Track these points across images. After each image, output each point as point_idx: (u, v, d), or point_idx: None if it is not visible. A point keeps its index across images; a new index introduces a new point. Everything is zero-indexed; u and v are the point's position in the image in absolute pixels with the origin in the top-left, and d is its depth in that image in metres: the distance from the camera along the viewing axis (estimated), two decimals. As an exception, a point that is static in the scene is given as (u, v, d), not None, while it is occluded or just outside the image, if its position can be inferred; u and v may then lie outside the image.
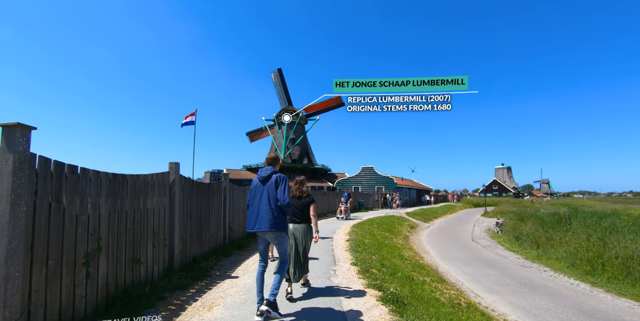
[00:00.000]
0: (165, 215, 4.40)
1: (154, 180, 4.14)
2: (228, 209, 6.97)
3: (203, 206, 5.71)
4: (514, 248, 12.27)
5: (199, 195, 5.54)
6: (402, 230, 15.22)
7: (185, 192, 4.99)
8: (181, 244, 4.75)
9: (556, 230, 12.56)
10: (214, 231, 6.25)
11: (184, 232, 4.89)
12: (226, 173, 6.31)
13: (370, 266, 5.73)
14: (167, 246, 4.38)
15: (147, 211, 3.97)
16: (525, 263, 9.82)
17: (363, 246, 7.95)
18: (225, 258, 5.98)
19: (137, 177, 3.81)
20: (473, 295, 6.50)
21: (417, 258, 9.23)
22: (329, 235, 9.60)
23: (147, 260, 3.91)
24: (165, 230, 4.36)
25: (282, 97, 39.16)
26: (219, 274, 4.78)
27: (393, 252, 8.51)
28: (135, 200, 3.75)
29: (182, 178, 4.88)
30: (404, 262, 7.71)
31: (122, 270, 3.45)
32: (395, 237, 12.12)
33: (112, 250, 3.30)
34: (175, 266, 4.52)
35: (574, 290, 7.09)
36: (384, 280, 4.90)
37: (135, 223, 3.73)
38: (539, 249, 11.06)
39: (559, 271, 8.81)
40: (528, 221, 14.88)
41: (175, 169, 4.61)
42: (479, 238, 15.51)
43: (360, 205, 23.46)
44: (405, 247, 10.64)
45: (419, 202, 37.77)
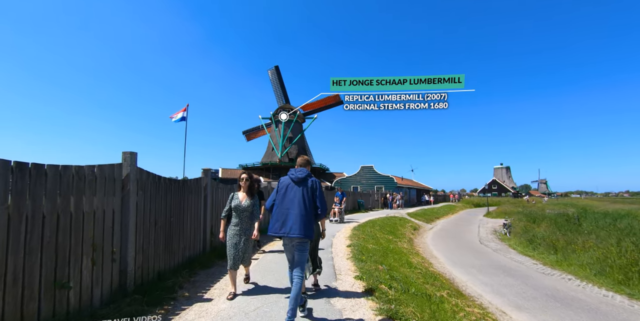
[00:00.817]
0: (115, 221, 3.36)
1: (96, 175, 3.10)
2: (210, 211, 5.94)
3: (174, 208, 4.67)
4: (528, 252, 11.31)
5: (168, 194, 4.50)
6: (406, 232, 14.23)
7: (148, 190, 3.95)
8: (139, 257, 3.71)
9: (576, 232, 11.59)
10: (190, 238, 5.21)
11: (145, 241, 3.85)
12: (207, 168, 5.24)
13: (378, 281, 4.71)
14: (116, 262, 3.34)
15: (84, 215, 2.94)
16: (545, 270, 8.85)
17: (367, 253, 6.94)
18: (202, 270, 4.94)
19: (66, 169, 2.77)
20: (499, 312, 5.51)
21: (426, 265, 8.24)
22: (327, 239, 8.58)
23: (80, 283, 2.87)
24: (114, 241, 3.32)
25: (280, 95, 38.11)
26: (188, 295, 3.74)
27: (400, 259, 7.51)
28: (63, 201, 2.71)
29: (143, 173, 3.84)
30: (414, 271, 6.70)
31: (33, 302, 2.42)
32: (400, 241, 11.12)
33: (14, 276, 2.27)
34: (129, 287, 3.47)
35: (612, 305, 6.12)
36: (398, 301, 3.88)
37: (62, 233, 2.69)
38: (557, 254, 10.10)
39: (585, 280, 7.84)
40: (541, 222, 13.91)
41: (131, 161, 3.57)
42: (487, 240, 14.56)
43: (360, 206, 22.46)
44: (412, 252, 9.64)
45: (418, 202, 36.85)
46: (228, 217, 3.89)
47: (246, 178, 3.95)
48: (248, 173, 4.01)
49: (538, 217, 15.52)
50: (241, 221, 3.83)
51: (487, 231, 18.05)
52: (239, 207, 3.81)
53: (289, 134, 36.18)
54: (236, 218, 3.83)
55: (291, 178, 3.18)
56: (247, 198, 3.89)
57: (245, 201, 3.87)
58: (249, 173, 4.02)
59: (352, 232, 10.23)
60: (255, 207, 3.93)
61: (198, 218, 5.50)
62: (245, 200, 3.88)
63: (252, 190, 3.98)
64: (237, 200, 3.86)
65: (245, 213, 3.85)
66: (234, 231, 3.80)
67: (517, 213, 21.73)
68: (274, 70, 38.07)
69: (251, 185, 3.97)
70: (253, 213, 3.91)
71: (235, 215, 3.83)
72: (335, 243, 8.22)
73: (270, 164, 34.78)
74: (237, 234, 3.79)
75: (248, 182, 3.94)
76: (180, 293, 3.79)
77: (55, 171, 2.67)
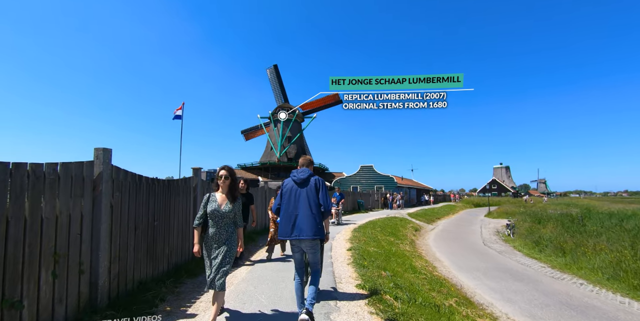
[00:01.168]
0: (84, 226, 2.94)
1: (59, 174, 2.68)
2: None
3: (159, 210, 4.25)
4: (534, 255, 10.91)
5: (151, 195, 4.08)
6: (407, 233, 13.83)
7: (126, 191, 3.53)
8: (115, 267, 3.29)
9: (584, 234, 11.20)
10: (177, 243, 4.79)
11: (122, 249, 3.43)
12: (197, 167, 4.80)
13: (382, 290, 4.31)
14: (85, 274, 2.92)
15: (44, 221, 2.52)
16: (555, 274, 8.46)
17: (369, 258, 6.53)
18: (190, 278, 4.52)
19: (19, 167, 2.35)
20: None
21: (430, 270, 7.84)
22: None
23: (38, 301, 2.46)
24: (82, 250, 2.91)
25: (278, 94, 37.66)
26: (170, 310, 3.32)
27: (404, 263, 7.11)
28: (14, 205, 2.30)
29: (119, 172, 3.42)
30: (419, 277, 6.30)
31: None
32: (402, 243, 10.71)
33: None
34: (101, 302, 3.05)
35: (631, 313, 5.72)
36: (406, 315, 3.48)
37: (12, 243, 2.28)
38: (565, 256, 9.71)
39: (597, 285, 7.45)
40: (547, 223, 13.51)
41: (104, 158, 3.15)
42: (491, 242, 14.17)
43: (360, 206, 22.07)
44: (415, 255, 9.24)
45: (418, 202, 36.47)
46: (204, 225, 3.06)
47: (225, 176, 3.08)
48: (228, 169, 3.13)
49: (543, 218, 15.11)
50: (219, 231, 2.99)
51: (490, 232, 17.67)
52: (217, 212, 2.99)
53: (287, 133, 35.75)
54: (213, 227, 3.00)
55: (293, 179, 3.18)
56: (227, 202, 3.06)
57: (225, 205, 3.04)
58: (230, 169, 3.13)
59: (352, 234, 9.83)
60: (238, 213, 3.10)
61: (187, 222, 5.08)
62: (226, 203, 3.05)
63: (234, 191, 3.12)
64: (214, 203, 3.03)
65: (224, 220, 3.01)
66: (209, 244, 3.00)
67: (519, 213, 21.34)
68: (272, 69, 37.61)
69: (232, 184, 3.12)
70: (235, 222, 3.10)
71: (212, 223, 3.00)
72: (334, 246, 7.82)
73: (269, 164, 34.33)
74: (213, 248, 2.99)
75: (228, 180, 3.09)
76: (162, 307, 3.37)
77: (4, 169, 2.25)
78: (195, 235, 3.07)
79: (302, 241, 3.02)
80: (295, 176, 3.18)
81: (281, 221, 3.12)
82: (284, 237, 3.06)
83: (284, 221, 3.08)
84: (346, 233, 10.06)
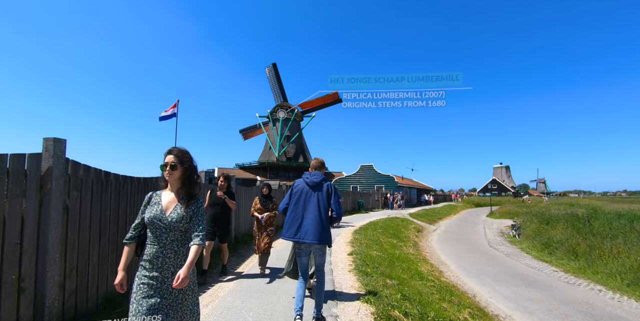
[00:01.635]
0: (26, 234, 2.39)
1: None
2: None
3: (133, 213, 3.69)
4: (544, 257, 10.38)
5: (123, 196, 3.52)
6: (410, 234, 13.29)
7: (88, 190, 2.97)
8: (71, 281, 2.73)
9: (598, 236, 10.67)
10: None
11: (81, 259, 2.88)
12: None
13: (389, 303, 3.76)
14: (26, 292, 2.37)
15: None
16: (569, 279, 7.92)
17: (372, 263, 5.99)
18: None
19: None
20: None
21: (437, 275, 7.29)
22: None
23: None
24: (22, 263, 2.35)
25: (277, 92, 37.10)
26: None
27: (409, 269, 6.56)
28: None
29: (78, 168, 2.86)
30: (426, 285, 5.76)
31: None
32: (405, 245, 10.17)
33: None
34: (49, 326, 2.50)
35: (662, 325, 5.20)
36: (420, 337, 2.94)
37: None
38: (578, 260, 9.17)
39: (618, 291, 6.92)
40: (557, 224, 12.98)
41: (54, 150, 2.59)
42: (496, 243, 13.64)
43: (360, 206, 21.53)
44: (419, 259, 8.70)
45: (418, 202, 35.96)
46: (141, 241, 1.99)
47: (172, 164, 1.94)
48: (178, 153, 1.99)
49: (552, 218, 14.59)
50: (162, 251, 1.88)
51: (494, 233, 17.16)
52: (158, 221, 1.89)
53: (286, 133, 35.19)
54: (152, 245, 1.90)
55: (306, 182, 3.16)
56: (177, 205, 1.95)
57: (173, 210, 1.93)
58: (181, 153, 1.99)
59: (353, 236, 9.29)
60: (197, 223, 1.95)
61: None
62: (174, 208, 1.94)
63: (191, 187, 2.00)
64: (155, 206, 1.95)
65: (171, 235, 1.91)
66: (146, 275, 1.85)
67: (524, 213, 20.84)
68: (271, 67, 37.05)
69: (186, 176, 1.99)
70: (187, 235, 1.96)
71: (152, 238, 1.91)
72: (334, 250, 7.28)
73: (268, 163, 33.76)
74: (151, 284, 1.84)
75: (177, 170, 1.95)
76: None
77: None
78: (123, 257, 1.93)
79: (311, 245, 3.03)
80: (308, 178, 3.16)
81: (287, 221, 3.09)
82: (287, 237, 3.04)
83: (290, 222, 3.06)
84: (347, 235, 9.52)
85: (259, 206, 4.99)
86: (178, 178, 1.98)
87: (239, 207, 7.81)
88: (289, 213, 3.12)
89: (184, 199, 1.98)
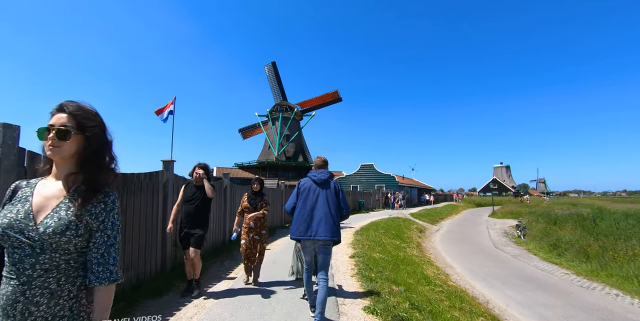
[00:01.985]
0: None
1: None
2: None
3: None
4: (552, 259, 9.99)
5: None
6: (412, 235, 12.90)
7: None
8: None
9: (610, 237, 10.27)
10: (136, 254, 3.81)
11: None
12: (169, 160, 3.79)
13: (397, 314, 3.36)
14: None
15: None
16: (582, 282, 7.53)
17: (375, 267, 5.59)
18: (152, 299, 3.55)
19: None
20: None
21: (444, 279, 6.90)
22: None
23: None
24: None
25: (277, 91, 36.72)
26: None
27: (415, 272, 6.16)
28: None
29: (37, 161, 2.45)
30: (434, 290, 5.36)
31: None
32: (408, 246, 9.78)
33: None
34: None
35: (691, 334, 4.80)
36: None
37: None
38: (590, 262, 8.78)
39: (636, 296, 6.53)
40: (565, 224, 12.59)
41: (4, 138, 2.18)
42: (501, 244, 13.25)
43: (361, 206, 21.15)
44: (424, 261, 8.30)
45: (419, 202, 35.59)
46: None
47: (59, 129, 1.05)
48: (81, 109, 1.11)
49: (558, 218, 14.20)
50: (28, 291, 0.96)
51: (498, 233, 16.77)
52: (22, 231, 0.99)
53: (286, 132, 34.80)
54: (9, 281, 0.98)
55: (313, 180, 3.15)
56: (64, 203, 1.06)
57: (53, 213, 1.03)
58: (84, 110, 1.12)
59: (354, 237, 8.89)
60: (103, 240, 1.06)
61: (151, 228, 4.10)
62: (58, 208, 1.05)
63: (98, 174, 1.10)
64: (20, 206, 1.06)
65: (47, 258, 0.99)
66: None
67: (527, 213, 20.46)
68: (270, 66, 36.68)
69: (88, 151, 1.09)
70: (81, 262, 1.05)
71: (10, 265, 0.99)
72: (335, 252, 6.86)
73: (267, 163, 33.35)
74: None
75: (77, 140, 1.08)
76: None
77: None
78: None
79: (317, 242, 2.99)
80: (315, 176, 3.15)
81: (296, 220, 3.06)
82: (297, 236, 3.00)
83: (299, 220, 3.03)
84: (348, 236, 9.12)
85: (246, 204, 4.17)
86: (71, 155, 1.09)
87: (235, 206, 7.40)
88: (297, 212, 3.07)
89: (77, 194, 1.06)
